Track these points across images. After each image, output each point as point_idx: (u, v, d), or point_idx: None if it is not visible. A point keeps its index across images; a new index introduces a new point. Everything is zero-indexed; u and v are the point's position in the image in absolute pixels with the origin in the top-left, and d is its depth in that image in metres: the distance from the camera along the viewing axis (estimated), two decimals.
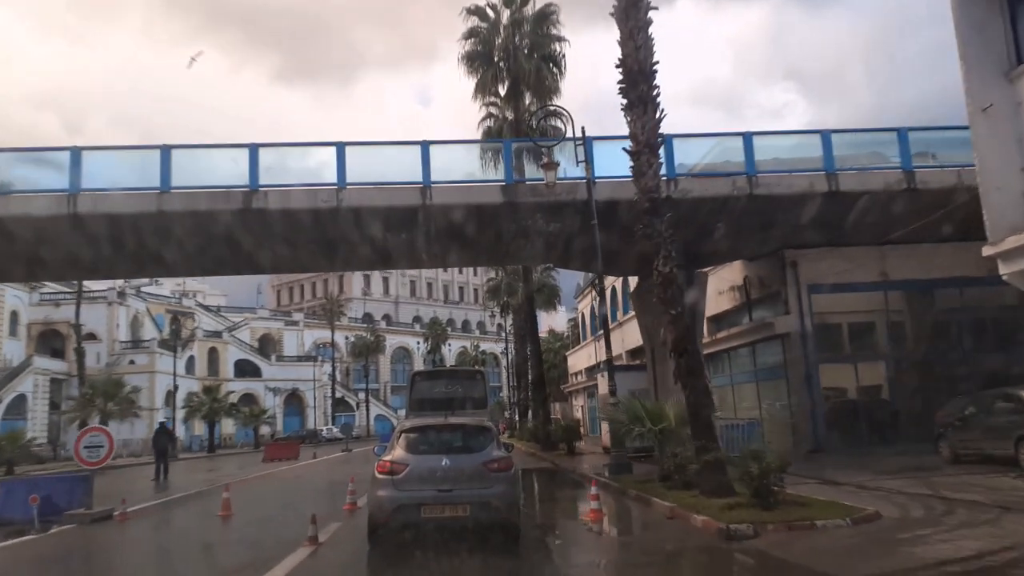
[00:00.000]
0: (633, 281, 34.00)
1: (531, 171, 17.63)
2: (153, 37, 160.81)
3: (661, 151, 17.37)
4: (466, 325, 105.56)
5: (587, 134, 17.22)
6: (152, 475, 20.94)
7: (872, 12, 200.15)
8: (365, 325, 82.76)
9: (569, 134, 18.32)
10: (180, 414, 51.73)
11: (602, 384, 22.49)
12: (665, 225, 10.38)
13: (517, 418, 49.09)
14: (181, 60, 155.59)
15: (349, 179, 16.73)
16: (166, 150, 16.58)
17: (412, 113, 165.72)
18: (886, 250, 20.02)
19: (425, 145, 16.93)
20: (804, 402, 19.69)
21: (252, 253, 18.55)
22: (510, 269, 40.52)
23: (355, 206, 16.65)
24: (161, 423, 22.51)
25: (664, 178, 17.27)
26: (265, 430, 65.73)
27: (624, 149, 12.06)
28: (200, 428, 55.57)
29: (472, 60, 26.28)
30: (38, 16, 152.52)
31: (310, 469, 24.96)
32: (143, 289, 69.10)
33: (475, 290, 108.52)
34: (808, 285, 20.08)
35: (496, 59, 25.96)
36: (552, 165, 15.93)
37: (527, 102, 27.97)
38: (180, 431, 57.85)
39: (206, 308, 76.26)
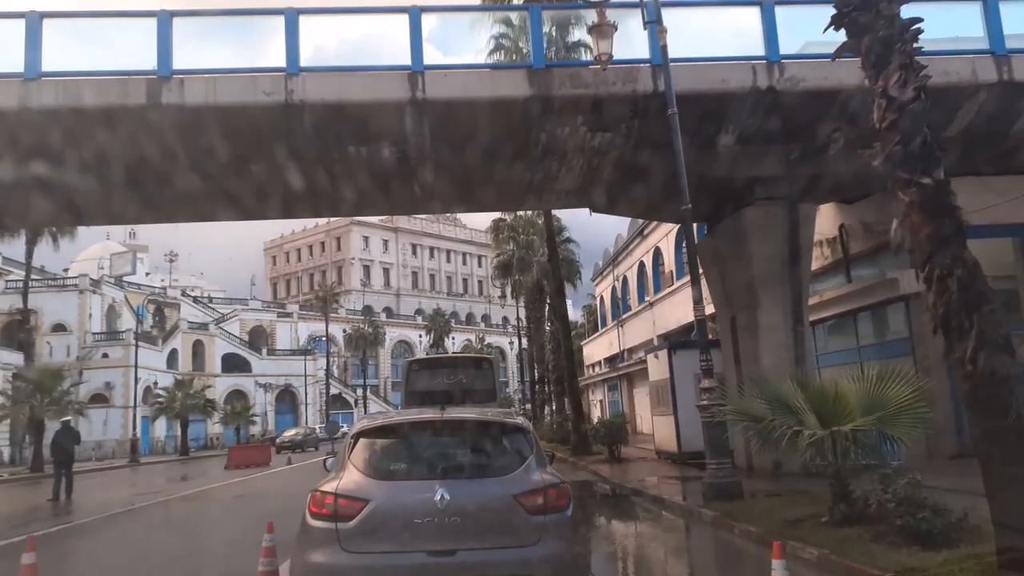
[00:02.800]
0: (663, 250, 27.84)
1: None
2: None
3: (759, 18, 12.25)
4: (470, 318, 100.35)
5: None
6: (51, 493, 15.35)
7: None
8: (363, 317, 77.33)
9: None
10: (150, 412, 46.49)
11: (656, 367, 17.11)
12: (898, 3, 5.00)
13: (530, 413, 43.70)
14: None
15: (305, 62, 11.42)
16: (35, 18, 11.23)
17: None
18: None
19: (415, 11, 11.53)
20: (942, 388, 14.25)
21: (165, 181, 13.15)
22: (523, 242, 35.04)
23: (313, 101, 11.29)
24: (64, 422, 16.95)
25: (764, 61, 12.06)
26: (256, 429, 60.67)
27: None
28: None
29: None
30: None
31: (270, 483, 18.94)
32: (124, 278, 64.19)
33: (479, 282, 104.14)
34: None
35: None
36: (606, 28, 10.53)
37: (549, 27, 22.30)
38: (160, 431, 53.00)
39: (193, 298, 71.05)
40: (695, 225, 23.09)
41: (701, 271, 18.17)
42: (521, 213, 37.28)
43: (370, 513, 4.24)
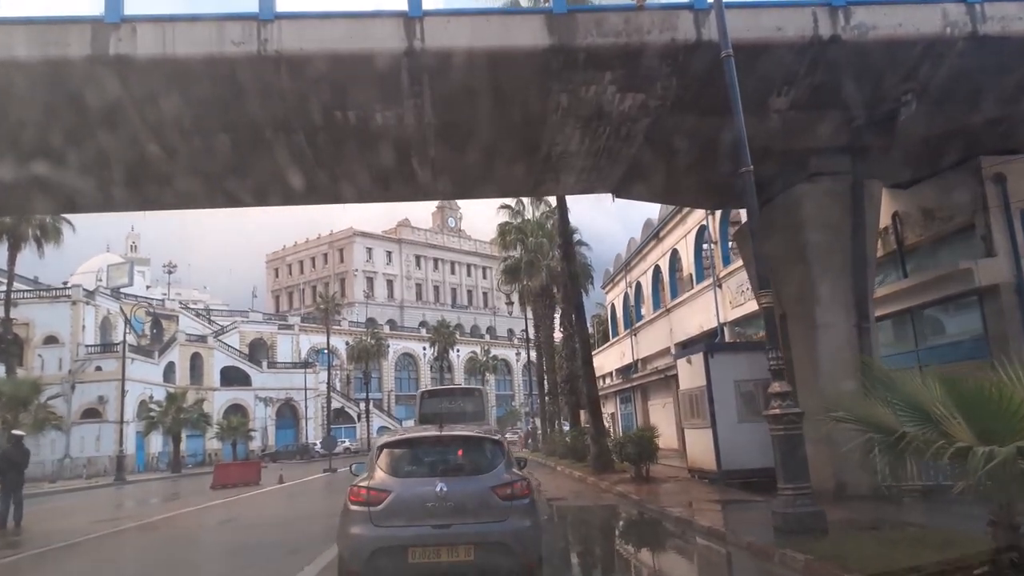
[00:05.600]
0: (686, 244, 25.38)
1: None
2: None
3: None
4: (475, 330, 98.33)
5: None
6: None
7: None
8: (365, 328, 75.36)
9: None
10: (142, 426, 44.57)
11: (689, 373, 15.11)
12: None
13: (539, 427, 41.58)
14: None
15: (282, 6, 9.62)
16: None
17: None
18: None
19: None
20: None
21: (120, 153, 11.28)
22: (531, 245, 33.11)
23: (290, 52, 9.46)
24: (16, 436, 14.67)
25: (826, 6, 10.20)
26: (255, 444, 58.66)
27: None
28: (182, 443, 48.25)
29: None
30: None
31: (252, 507, 16.97)
32: (121, 289, 62.53)
33: (484, 294, 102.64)
34: (1023, 211, 12.76)
35: None
36: None
37: None
38: (156, 446, 51.02)
39: (191, 310, 69.28)
40: (718, 213, 21.22)
41: (741, 263, 16.22)
42: (529, 216, 35.50)
43: (392, 500, 5.98)
